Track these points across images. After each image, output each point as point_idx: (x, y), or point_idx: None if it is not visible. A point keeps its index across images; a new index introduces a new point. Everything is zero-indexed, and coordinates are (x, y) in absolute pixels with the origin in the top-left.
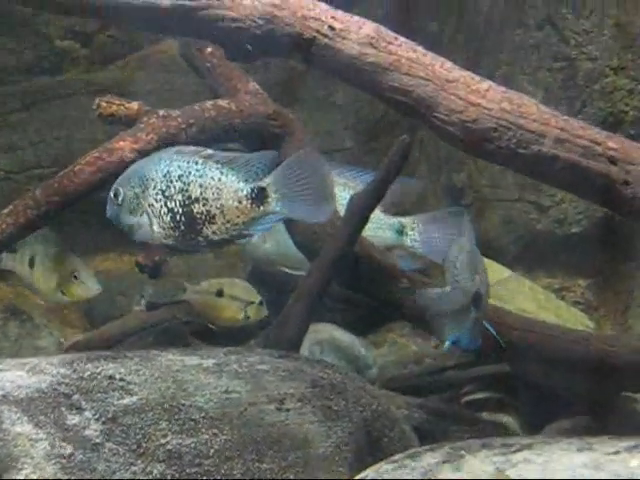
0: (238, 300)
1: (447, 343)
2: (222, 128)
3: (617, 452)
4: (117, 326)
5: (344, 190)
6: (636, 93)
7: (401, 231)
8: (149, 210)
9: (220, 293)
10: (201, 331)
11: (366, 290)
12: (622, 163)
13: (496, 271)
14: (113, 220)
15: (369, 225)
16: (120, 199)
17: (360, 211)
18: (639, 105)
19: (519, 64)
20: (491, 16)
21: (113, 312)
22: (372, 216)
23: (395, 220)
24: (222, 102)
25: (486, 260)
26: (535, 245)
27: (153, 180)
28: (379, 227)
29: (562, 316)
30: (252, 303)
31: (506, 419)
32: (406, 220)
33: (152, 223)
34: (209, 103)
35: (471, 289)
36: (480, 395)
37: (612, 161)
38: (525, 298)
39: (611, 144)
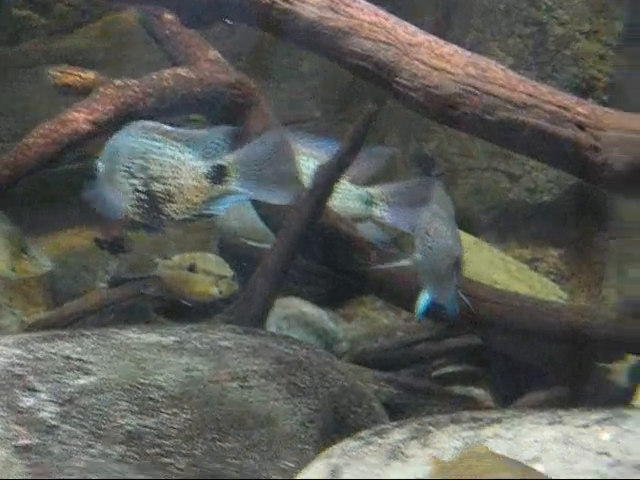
0: (210, 275)
1: (420, 309)
2: (181, 97)
3: (587, 425)
4: (78, 304)
5: (309, 160)
6: (608, 58)
7: (370, 202)
8: (119, 186)
9: (192, 268)
10: (168, 308)
11: (333, 263)
12: (591, 129)
13: (466, 242)
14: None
15: (336, 196)
16: (100, 173)
17: (325, 182)
18: (611, 71)
19: (489, 29)
20: None
21: (77, 289)
22: (339, 187)
23: (363, 190)
24: (181, 71)
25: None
26: (506, 215)
27: (121, 156)
28: (347, 198)
29: (534, 287)
30: (224, 277)
31: (478, 392)
32: (375, 190)
33: (123, 199)
34: (168, 72)
35: (455, 254)
36: (452, 368)
37: (581, 127)
38: (496, 269)
39: (580, 109)
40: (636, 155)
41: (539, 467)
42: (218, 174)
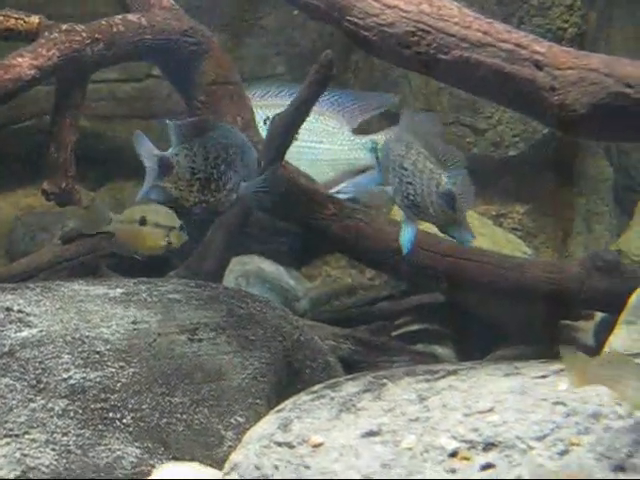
0: (160, 227)
1: (406, 245)
2: (132, 44)
3: (545, 376)
4: (27, 262)
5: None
6: (575, 9)
7: (375, 149)
8: None
9: (143, 221)
10: (122, 265)
11: (291, 217)
12: (549, 68)
13: None
14: None
15: (341, 148)
16: None
17: (282, 132)
18: (579, 21)
19: None
20: None
21: (34, 249)
22: (343, 138)
23: (367, 139)
24: (132, 17)
25: None
26: (471, 170)
27: None
28: (352, 148)
29: (499, 243)
30: (173, 228)
31: (443, 351)
32: (378, 137)
33: None
34: (118, 18)
35: (446, 189)
36: (416, 326)
37: (538, 66)
38: None
39: (537, 48)
40: (595, 95)
41: (494, 417)
42: None
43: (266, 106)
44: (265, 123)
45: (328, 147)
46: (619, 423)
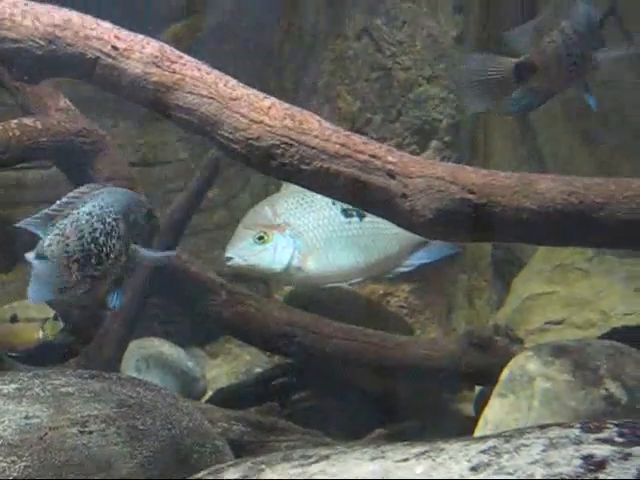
0: (33, 320)
1: None
2: (28, 148)
3: (406, 459)
4: None
5: None
6: (449, 101)
7: None
8: None
9: (14, 318)
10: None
11: (185, 304)
12: (400, 176)
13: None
14: None
15: None
16: None
17: (173, 226)
18: (452, 112)
19: (339, 74)
20: (316, 28)
21: None
22: None
23: None
24: (27, 121)
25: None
26: None
27: None
28: None
29: (385, 322)
30: (47, 319)
31: (334, 428)
32: None
33: None
34: (13, 122)
35: None
36: (309, 404)
37: (391, 175)
38: (349, 305)
39: (390, 158)
40: (441, 201)
41: None
42: None
43: None
44: None
45: None
46: None
